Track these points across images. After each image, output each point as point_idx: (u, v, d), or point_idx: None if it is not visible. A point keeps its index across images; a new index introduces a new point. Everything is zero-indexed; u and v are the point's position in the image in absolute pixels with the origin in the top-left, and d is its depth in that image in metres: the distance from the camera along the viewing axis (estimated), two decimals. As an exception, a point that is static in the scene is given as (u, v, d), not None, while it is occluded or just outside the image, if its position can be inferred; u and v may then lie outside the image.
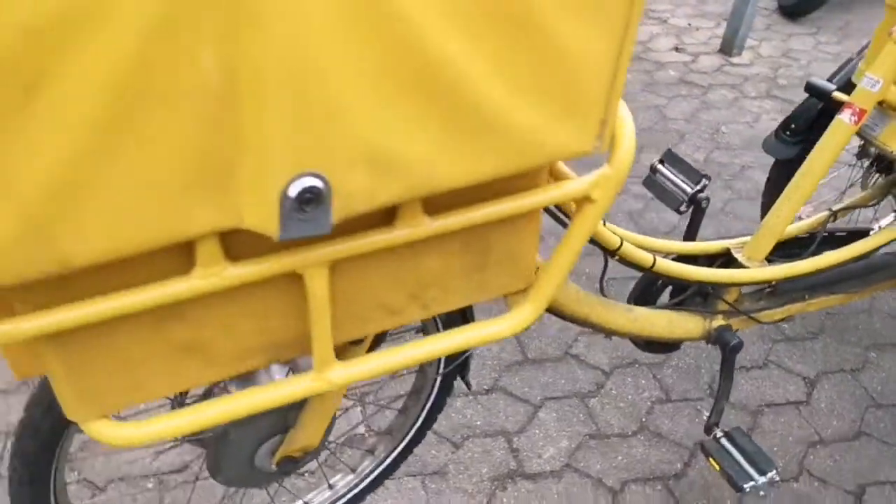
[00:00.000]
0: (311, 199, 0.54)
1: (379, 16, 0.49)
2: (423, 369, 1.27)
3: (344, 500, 1.36)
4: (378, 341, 1.08)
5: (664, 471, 1.54)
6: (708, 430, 1.37)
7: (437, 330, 1.15)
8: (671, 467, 1.55)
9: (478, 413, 1.61)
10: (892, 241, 1.45)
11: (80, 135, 0.47)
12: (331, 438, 1.18)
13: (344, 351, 0.90)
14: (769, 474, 1.30)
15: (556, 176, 0.72)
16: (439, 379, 1.26)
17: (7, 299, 0.58)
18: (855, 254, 1.42)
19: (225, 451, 1.06)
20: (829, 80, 1.62)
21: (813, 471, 1.57)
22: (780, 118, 2.73)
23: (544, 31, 0.54)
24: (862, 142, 1.51)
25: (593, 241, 1.12)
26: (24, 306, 0.58)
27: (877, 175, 1.70)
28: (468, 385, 1.27)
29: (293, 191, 0.53)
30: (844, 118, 1.24)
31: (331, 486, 1.36)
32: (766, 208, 1.84)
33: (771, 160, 1.80)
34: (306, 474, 1.46)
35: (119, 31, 0.45)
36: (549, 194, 0.69)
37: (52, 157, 0.47)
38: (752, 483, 1.29)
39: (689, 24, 3.60)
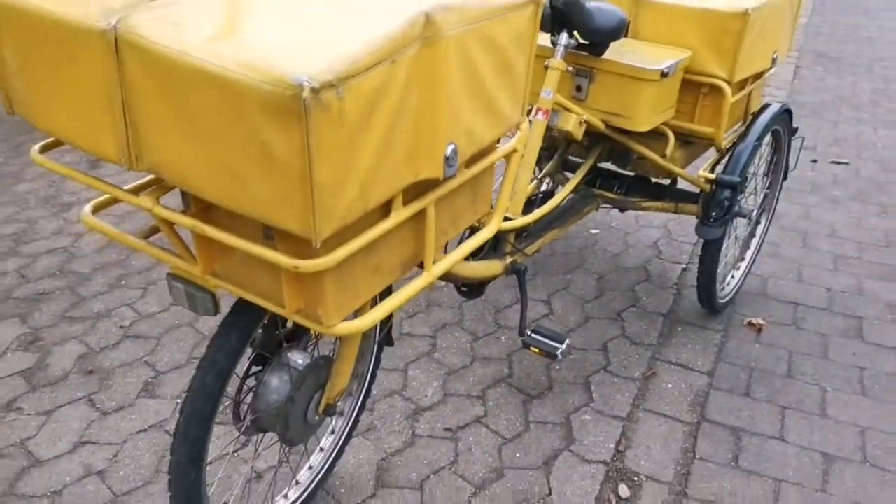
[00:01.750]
0: (454, 155, 1.20)
1: (476, 83, 1.18)
2: (366, 338, 1.85)
3: (332, 457, 1.87)
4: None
5: (501, 375, 2.30)
6: (521, 332, 2.14)
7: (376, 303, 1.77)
8: (503, 372, 2.31)
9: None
10: (567, 196, 2.38)
11: (381, 140, 1.07)
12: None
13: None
14: (566, 342, 2.11)
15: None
16: (376, 344, 1.87)
17: (301, 247, 1.09)
18: (553, 205, 2.32)
19: (290, 416, 1.56)
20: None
21: (575, 345, 2.45)
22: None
23: (513, 67, 1.28)
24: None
25: None
26: (317, 250, 1.10)
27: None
28: (391, 344, 1.89)
29: (448, 151, 1.18)
30: (539, 117, 2.12)
31: (322, 449, 1.87)
32: None
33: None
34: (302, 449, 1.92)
35: (395, 92, 1.06)
36: (505, 148, 1.41)
37: (371, 151, 1.06)
38: (559, 350, 2.08)
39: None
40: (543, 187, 2.87)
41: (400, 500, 1.85)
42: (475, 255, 2.18)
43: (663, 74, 2.06)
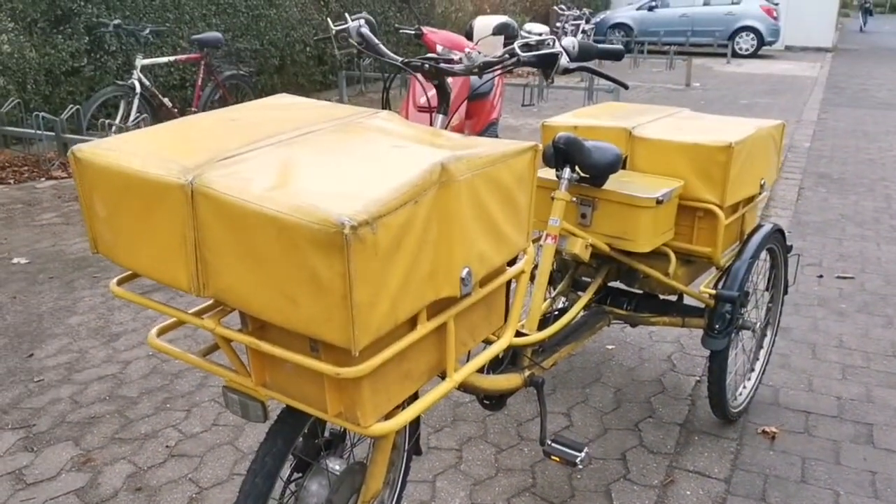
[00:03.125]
0: (468, 277, 1.40)
1: (485, 216, 1.41)
2: (396, 447, 2.01)
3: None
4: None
5: (525, 485, 2.42)
6: (542, 442, 2.28)
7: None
8: (527, 482, 2.43)
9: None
10: (578, 313, 2.57)
11: (408, 265, 1.28)
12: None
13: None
14: (584, 450, 2.24)
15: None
16: (405, 453, 2.02)
17: (342, 357, 1.29)
18: (565, 322, 2.51)
19: (330, 518, 1.70)
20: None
21: (595, 455, 2.57)
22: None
23: (517, 202, 1.50)
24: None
25: None
26: (356, 359, 1.30)
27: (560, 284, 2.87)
28: (419, 453, 2.04)
29: (464, 273, 1.39)
30: (548, 242, 2.34)
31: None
32: None
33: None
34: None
35: (418, 226, 1.28)
36: (514, 270, 1.62)
37: (400, 274, 1.27)
38: (578, 458, 2.21)
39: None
40: (560, 305, 3.07)
41: None
42: (495, 368, 2.35)
43: (658, 202, 2.29)
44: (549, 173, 2.49)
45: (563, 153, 2.33)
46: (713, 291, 2.49)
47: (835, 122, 9.05)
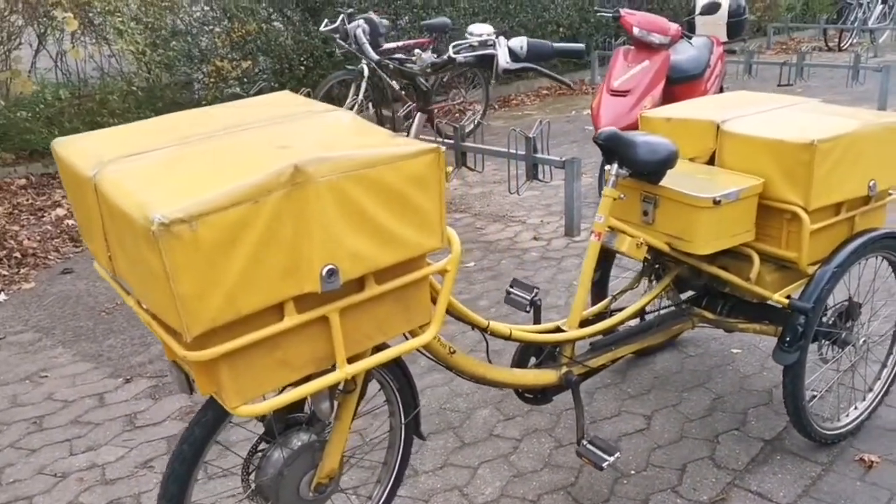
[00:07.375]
0: (332, 274, 1.45)
1: (360, 217, 1.45)
2: (392, 427, 2.09)
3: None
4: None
5: (564, 483, 2.37)
6: (578, 441, 2.21)
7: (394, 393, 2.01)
8: (568, 480, 2.38)
9: (436, 480, 2.40)
10: (637, 312, 2.40)
11: (247, 260, 1.36)
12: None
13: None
14: (615, 455, 2.13)
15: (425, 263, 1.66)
16: (404, 429, 2.08)
17: (199, 341, 1.40)
18: (620, 319, 2.36)
19: (282, 488, 1.84)
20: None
21: (654, 463, 2.42)
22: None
23: (414, 204, 1.51)
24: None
25: (476, 328, 2.02)
26: (209, 342, 1.41)
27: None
28: (422, 437, 2.09)
29: (324, 272, 1.44)
30: (592, 239, 2.23)
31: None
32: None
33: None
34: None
35: (260, 224, 1.36)
36: (430, 269, 1.63)
37: (236, 269, 1.35)
38: (606, 462, 2.11)
39: (542, 221, 4.78)
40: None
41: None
42: (532, 363, 2.31)
43: (716, 202, 2.09)
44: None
45: (605, 149, 2.22)
46: (786, 301, 2.21)
47: None
